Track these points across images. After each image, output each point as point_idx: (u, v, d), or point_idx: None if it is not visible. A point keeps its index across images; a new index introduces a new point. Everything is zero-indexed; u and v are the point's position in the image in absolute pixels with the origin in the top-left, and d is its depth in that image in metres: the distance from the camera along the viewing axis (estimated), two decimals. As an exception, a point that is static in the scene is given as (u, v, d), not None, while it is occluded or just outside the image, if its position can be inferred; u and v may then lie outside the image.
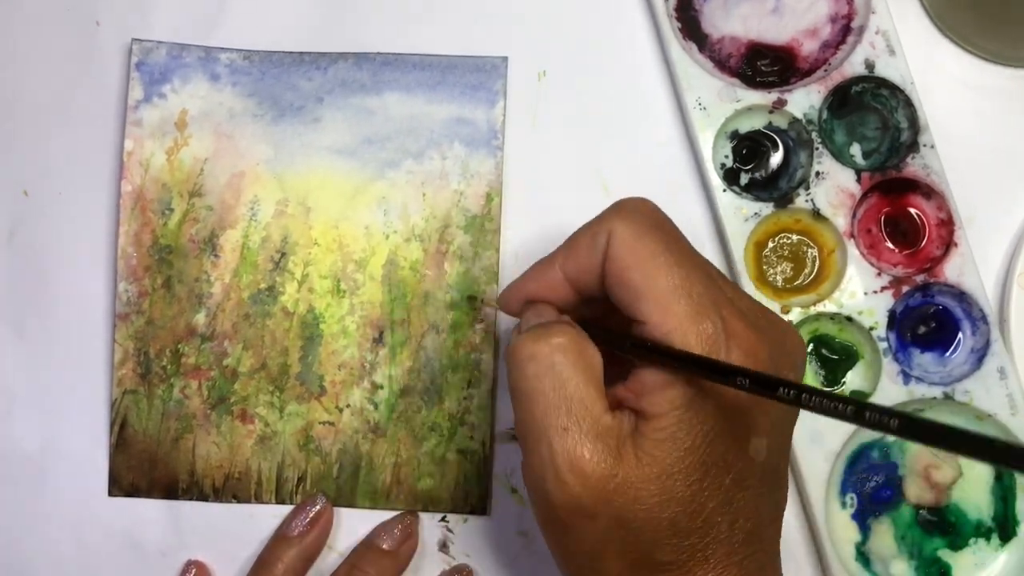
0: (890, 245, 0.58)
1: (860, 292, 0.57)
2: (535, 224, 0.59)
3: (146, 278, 0.58)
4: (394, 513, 0.58)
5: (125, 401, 0.58)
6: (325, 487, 0.58)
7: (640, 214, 0.44)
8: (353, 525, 0.59)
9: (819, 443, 0.56)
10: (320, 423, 0.58)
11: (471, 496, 0.58)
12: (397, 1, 0.60)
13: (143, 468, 0.58)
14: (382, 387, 0.58)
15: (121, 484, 0.58)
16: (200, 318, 0.58)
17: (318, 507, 0.58)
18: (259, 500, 0.58)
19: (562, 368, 0.42)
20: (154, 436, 0.58)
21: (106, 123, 0.60)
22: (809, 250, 0.59)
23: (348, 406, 0.58)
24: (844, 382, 0.58)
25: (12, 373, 0.60)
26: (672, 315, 0.41)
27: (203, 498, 0.58)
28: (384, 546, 0.57)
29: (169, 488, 0.58)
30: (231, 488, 0.58)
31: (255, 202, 0.58)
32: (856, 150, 0.58)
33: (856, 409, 0.34)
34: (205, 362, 0.58)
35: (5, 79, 0.61)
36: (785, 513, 0.57)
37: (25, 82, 0.61)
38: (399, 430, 0.58)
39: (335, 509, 0.58)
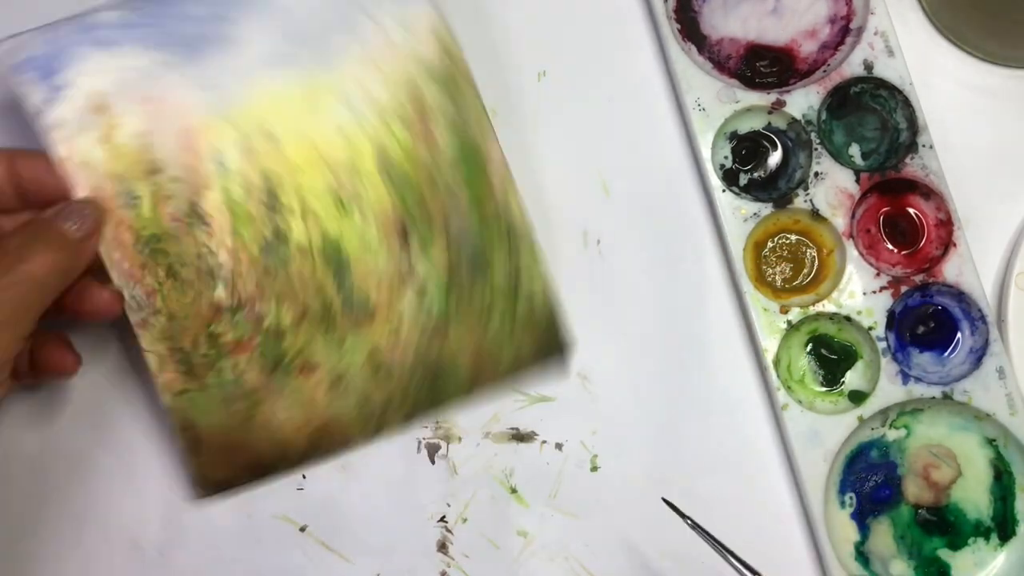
0: (889, 245, 0.58)
1: (859, 292, 0.57)
2: (535, 224, 0.59)
3: (146, 276, 0.53)
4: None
5: (180, 403, 0.54)
6: (411, 403, 0.56)
7: None
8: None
9: (818, 443, 0.56)
10: (382, 346, 0.55)
11: (552, 348, 0.57)
12: (397, 1, 0.60)
13: (226, 460, 0.55)
14: (428, 286, 0.55)
15: (209, 483, 0.56)
16: (220, 292, 0.54)
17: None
18: (351, 445, 0.57)
19: None
20: (224, 425, 0.55)
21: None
22: (808, 250, 0.59)
23: (403, 317, 0.55)
24: (843, 382, 0.58)
25: (12, 373, 0.60)
26: None
27: (295, 465, 0.56)
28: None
29: (257, 467, 0.56)
30: (318, 444, 0.56)
31: (217, 152, 0.53)
32: (855, 150, 0.58)
33: None
34: (244, 333, 0.54)
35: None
36: (784, 512, 0.58)
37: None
38: (460, 322, 0.56)
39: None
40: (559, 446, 0.59)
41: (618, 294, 0.59)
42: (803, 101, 0.58)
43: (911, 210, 0.58)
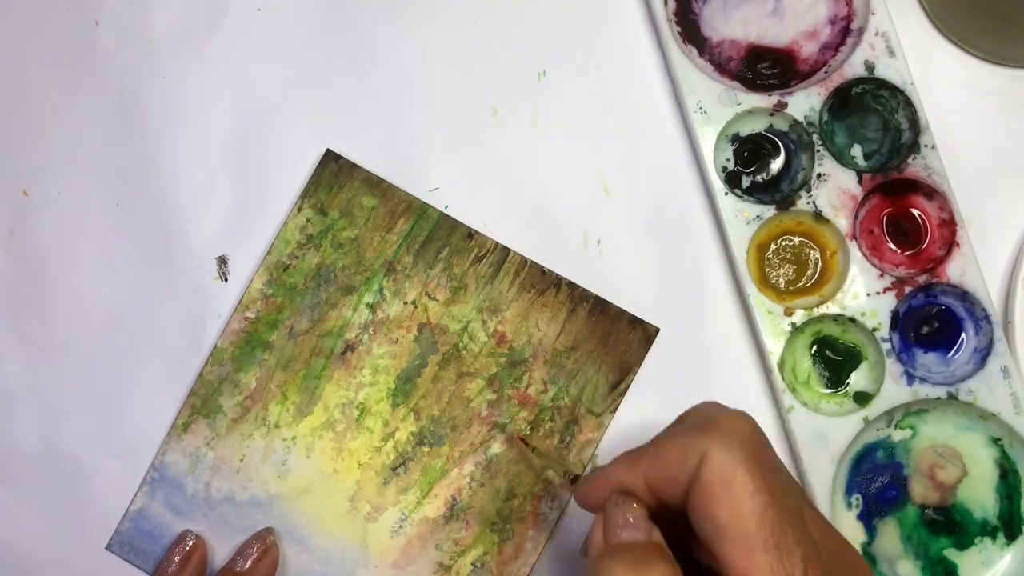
0: (892, 246, 0.58)
1: (863, 293, 0.57)
2: (535, 224, 0.59)
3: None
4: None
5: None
6: None
7: (739, 441, 0.41)
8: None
9: (824, 444, 0.56)
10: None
11: None
12: (396, 1, 0.61)
13: None
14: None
15: None
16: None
17: (265, 542, 0.58)
18: None
19: None
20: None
21: (106, 123, 0.60)
22: (811, 252, 0.59)
23: None
24: (848, 383, 0.58)
25: (12, 373, 0.60)
26: (756, 566, 0.40)
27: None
28: (238, 568, 0.57)
29: None
30: None
31: None
32: (857, 151, 0.58)
33: None
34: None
35: (5, 79, 0.61)
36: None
37: (24, 82, 0.61)
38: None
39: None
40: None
41: (618, 294, 0.59)
42: (804, 103, 0.58)
43: (914, 210, 0.58)
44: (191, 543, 0.57)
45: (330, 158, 0.59)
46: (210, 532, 0.58)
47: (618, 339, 0.58)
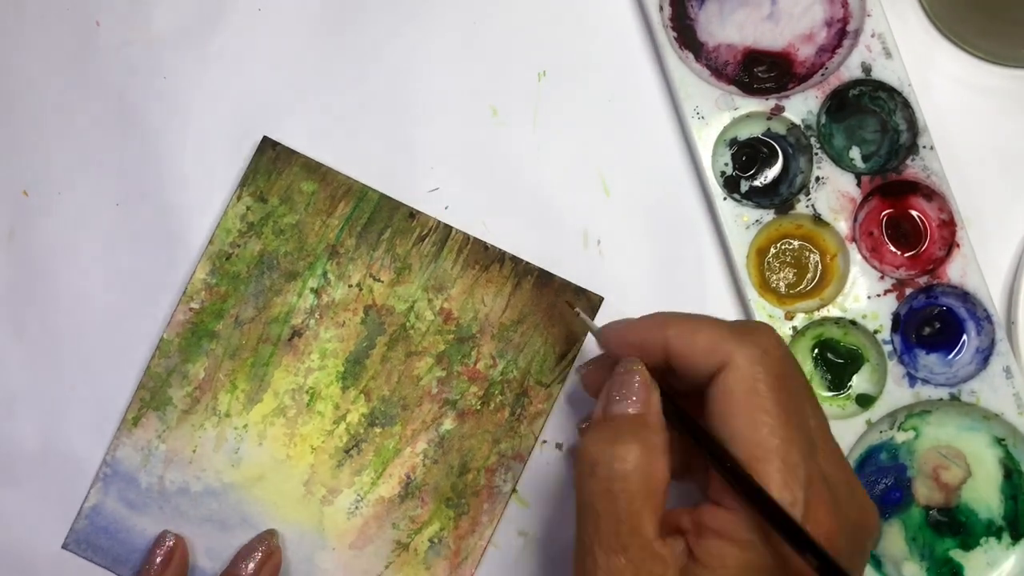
0: (892, 248, 0.58)
1: (864, 295, 0.57)
2: (535, 224, 0.59)
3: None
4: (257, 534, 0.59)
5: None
6: None
7: (766, 357, 0.43)
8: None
9: (826, 448, 0.56)
10: None
11: None
12: (397, 1, 0.61)
13: None
14: None
15: None
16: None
17: (269, 545, 0.57)
18: None
19: (620, 491, 0.41)
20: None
21: (106, 123, 0.61)
22: (811, 255, 0.59)
23: None
24: (850, 385, 0.58)
25: (12, 373, 0.60)
26: (758, 475, 0.40)
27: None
28: (242, 572, 0.57)
29: None
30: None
31: None
32: (855, 153, 0.58)
33: None
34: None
35: (5, 79, 0.61)
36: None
37: (25, 82, 0.61)
38: None
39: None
40: (559, 446, 0.59)
41: (618, 294, 0.59)
42: (802, 106, 0.58)
43: (913, 212, 0.58)
44: (171, 543, 0.57)
45: (267, 145, 0.60)
46: (166, 524, 0.59)
47: (563, 310, 0.59)
